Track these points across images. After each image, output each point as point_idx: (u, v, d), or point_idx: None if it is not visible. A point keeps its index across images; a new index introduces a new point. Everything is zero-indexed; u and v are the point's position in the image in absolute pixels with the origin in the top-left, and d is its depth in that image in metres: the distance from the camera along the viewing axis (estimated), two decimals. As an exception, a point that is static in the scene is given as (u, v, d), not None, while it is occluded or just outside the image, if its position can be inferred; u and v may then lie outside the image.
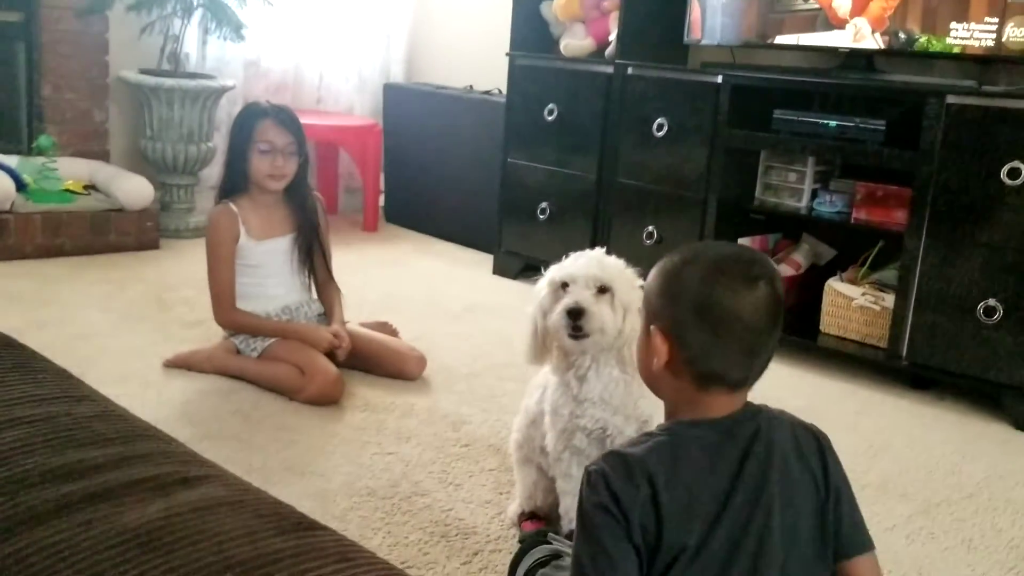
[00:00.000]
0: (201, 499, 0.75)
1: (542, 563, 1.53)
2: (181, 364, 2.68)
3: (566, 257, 1.79)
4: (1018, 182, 2.59)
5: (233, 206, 2.67)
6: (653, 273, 1.28)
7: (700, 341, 1.20)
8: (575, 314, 1.68)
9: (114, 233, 3.83)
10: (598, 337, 1.71)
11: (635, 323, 1.66)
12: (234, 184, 2.69)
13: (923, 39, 2.89)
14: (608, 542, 1.14)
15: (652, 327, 1.25)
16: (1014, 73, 2.92)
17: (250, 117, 2.66)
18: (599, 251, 1.79)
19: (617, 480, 1.15)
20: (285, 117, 2.66)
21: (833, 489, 1.26)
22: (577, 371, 1.76)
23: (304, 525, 0.76)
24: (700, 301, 1.20)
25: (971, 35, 2.79)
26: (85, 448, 0.81)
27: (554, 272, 1.78)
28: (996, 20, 2.74)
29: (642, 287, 1.50)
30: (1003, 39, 2.74)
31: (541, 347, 1.80)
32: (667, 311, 1.24)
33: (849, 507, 1.27)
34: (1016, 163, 2.58)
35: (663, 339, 1.23)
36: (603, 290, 1.71)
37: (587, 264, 1.73)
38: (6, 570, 0.64)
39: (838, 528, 1.25)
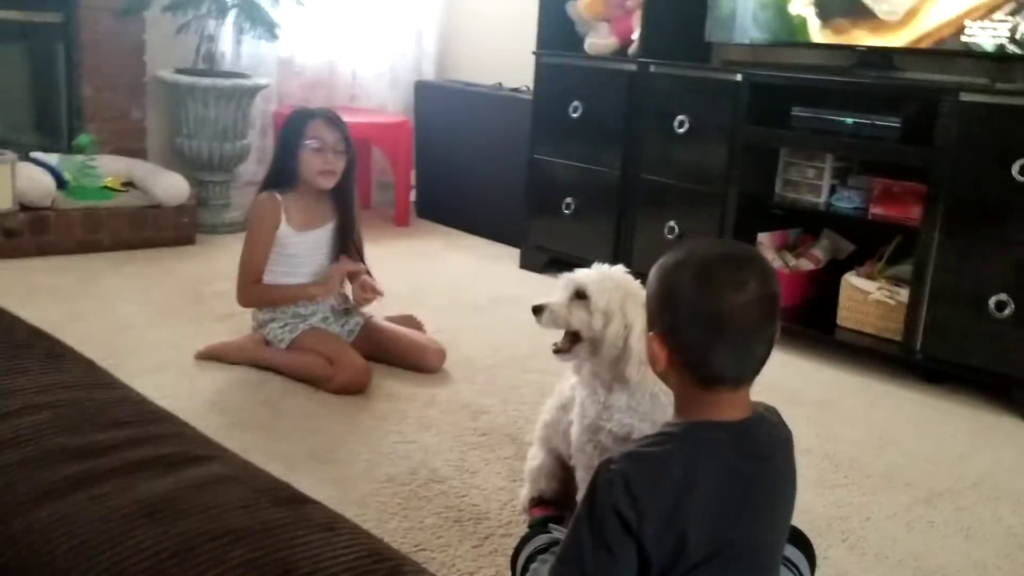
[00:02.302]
0: (205, 475, 0.84)
1: (541, 550, 1.61)
2: (213, 355, 2.79)
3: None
4: (1029, 179, 2.62)
5: (278, 195, 2.77)
6: (650, 276, 1.32)
7: (695, 346, 1.24)
8: (535, 309, 1.81)
9: (151, 229, 3.96)
10: (581, 349, 1.79)
11: (618, 329, 1.73)
12: (280, 180, 2.78)
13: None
14: (614, 542, 1.19)
15: (651, 332, 1.30)
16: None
17: (301, 117, 2.77)
18: (618, 267, 1.83)
19: (639, 484, 1.19)
20: (334, 117, 2.77)
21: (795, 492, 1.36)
22: (604, 381, 1.80)
23: (296, 499, 0.84)
24: (692, 307, 1.23)
25: (986, 33, 2.82)
26: (104, 430, 0.90)
27: None
28: (1011, 18, 2.77)
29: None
30: (1017, 36, 2.76)
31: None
32: (662, 317, 1.28)
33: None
34: (1027, 160, 2.62)
35: (660, 344, 1.27)
36: (580, 295, 1.78)
37: (574, 272, 1.82)
38: (30, 534, 0.73)
39: None
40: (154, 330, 3.00)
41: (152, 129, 4.37)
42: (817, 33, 3.26)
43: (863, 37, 3.13)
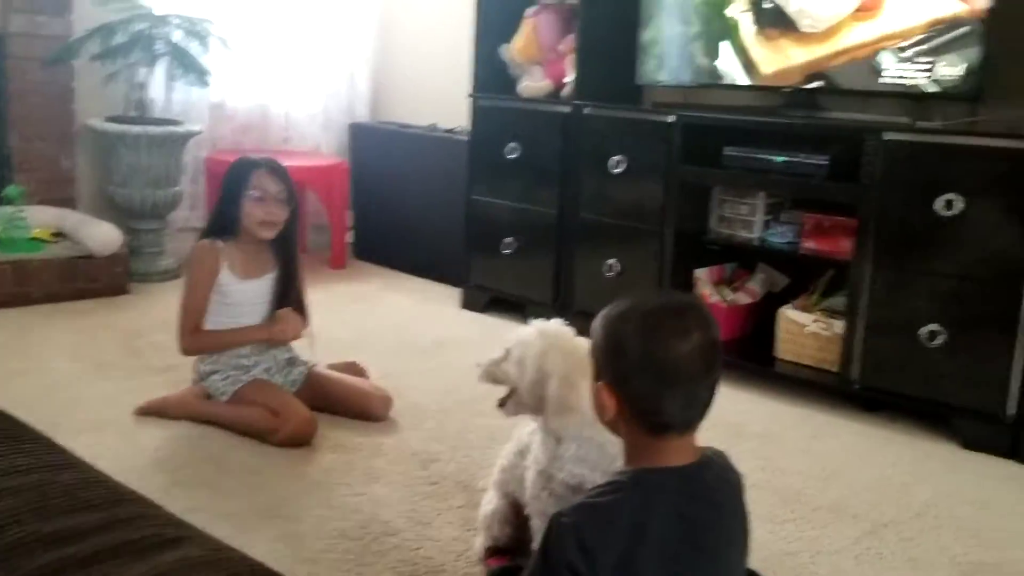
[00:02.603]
0: (180, 560, 0.83)
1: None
2: (153, 411, 2.74)
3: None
4: (952, 213, 2.72)
5: (219, 243, 2.74)
6: (595, 327, 1.36)
7: (645, 395, 1.29)
8: (477, 366, 1.94)
9: (83, 280, 3.87)
10: (512, 403, 1.88)
11: (532, 379, 1.80)
12: (221, 228, 2.75)
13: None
14: None
15: (599, 383, 1.33)
16: (948, 108, 3.06)
17: (244, 166, 2.74)
18: (553, 321, 1.89)
19: (590, 535, 1.22)
20: (277, 167, 2.75)
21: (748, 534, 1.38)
22: (551, 431, 1.83)
23: (273, 581, 0.84)
24: (640, 358, 1.27)
25: (905, 74, 2.93)
26: (72, 515, 0.88)
27: None
28: (929, 58, 2.89)
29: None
30: (935, 76, 2.88)
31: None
32: (610, 368, 1.32)
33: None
34: (950, 195, 2.71)
35: (609, 394, 1.31)
36: (508, 351, 1.88)
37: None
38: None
39: None
40: (90, 386, 2.94)
41: (82, 178, 4.30)
42: (751, 42, 3.29)
43: (790, 47, 3.18)
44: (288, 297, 2.84)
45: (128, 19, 4.07)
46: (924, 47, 2.89)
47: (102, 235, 3.93)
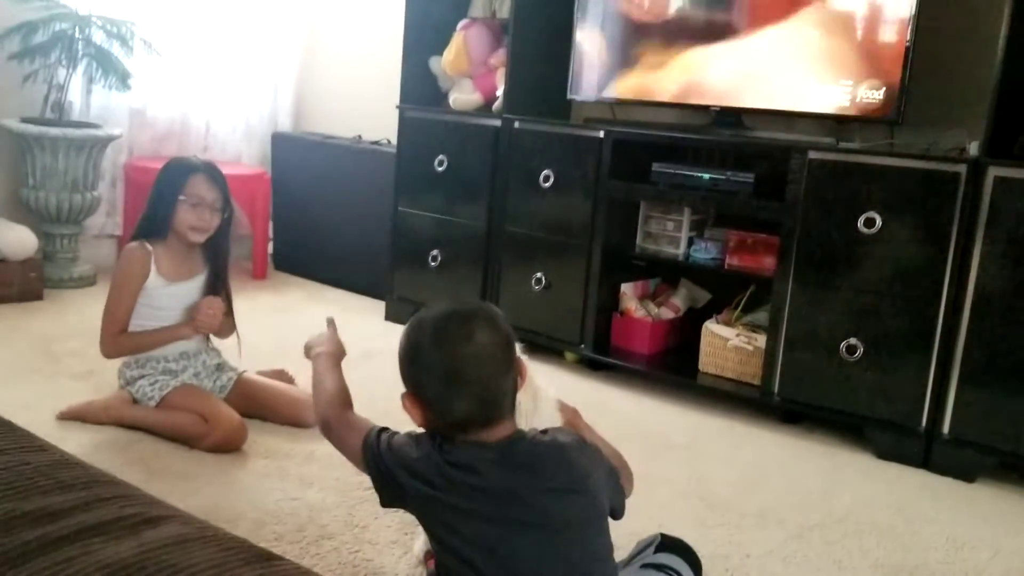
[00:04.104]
0: (169, 536, 0.82)
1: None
2: (76, 416, 2.66)
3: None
4: (873, 230, 2.83)
5: (148, 245, 2.69)
6: (400, 338, 1.45)
7: (439, 398, 1.39)
8: None
9: (-5, 284, 3.75)
10: None
11: None
12: (152, 230, 2.70)
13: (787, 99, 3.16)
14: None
15: (404, 392, 1.44)
16: (867, 130, 3.20)
17: (181, 170, 2.68)
18: None
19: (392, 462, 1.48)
20: (216, 174, 2.70)
21: (594, 478, 1.47)
22: None
23: (266, 556, 0.84)
24: (429, 363, 1.38)
25: (829, 96, 3.06)
26: (51, 494, 0.86)
27: None
28: (850, 82, 3.01)
29: None
30: (857, 99, 3.01)
31: None
32: (408, 375, 1.43)
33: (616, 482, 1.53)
34: (871, 213, 2.83)
35: (412, 401, 1.43)
36: None
37: None
38: (-2, 605, 0.70)
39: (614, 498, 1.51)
40: (7, 391, 2.84)
41: (-6, 180, 4.16)
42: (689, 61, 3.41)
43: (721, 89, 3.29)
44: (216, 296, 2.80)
45: (49, 18, 3.96)
46: (848, 73, 3.02)
47: (16, 239, 3.81)
